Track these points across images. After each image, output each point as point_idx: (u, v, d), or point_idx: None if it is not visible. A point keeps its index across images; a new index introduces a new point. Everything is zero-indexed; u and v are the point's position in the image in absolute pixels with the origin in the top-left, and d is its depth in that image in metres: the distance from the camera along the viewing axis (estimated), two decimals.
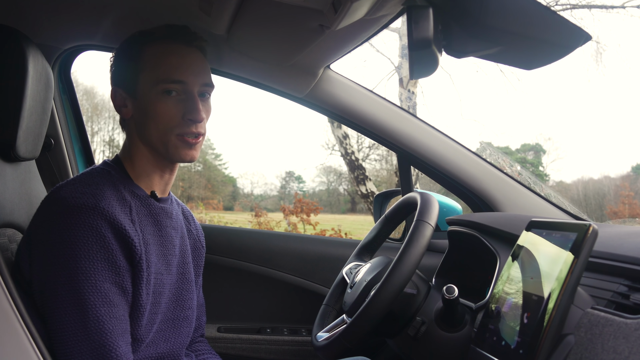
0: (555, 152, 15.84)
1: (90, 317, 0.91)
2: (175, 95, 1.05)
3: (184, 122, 1.05)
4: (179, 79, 1.05)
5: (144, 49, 1.07)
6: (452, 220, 1.41)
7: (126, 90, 1.08)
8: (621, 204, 12.93)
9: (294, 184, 16.95)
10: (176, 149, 1.06)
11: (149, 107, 1.05)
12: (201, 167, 16.54)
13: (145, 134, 1.07)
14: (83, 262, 0.91)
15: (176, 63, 1.06)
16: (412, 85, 7.34)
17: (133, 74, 1.07)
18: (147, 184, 1.10)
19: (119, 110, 1.10)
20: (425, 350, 1.05)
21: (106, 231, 0.94)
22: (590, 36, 0.80)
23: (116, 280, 0.95)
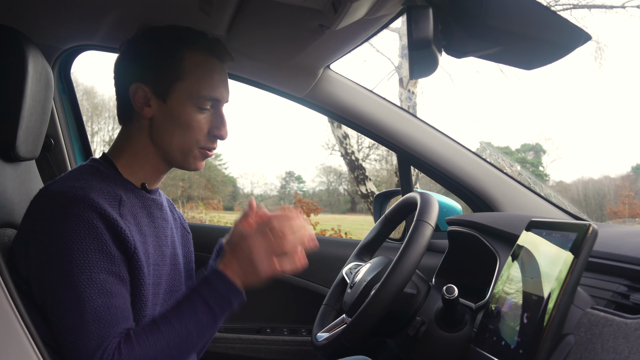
0: (555, 152, 15.86)
1: (87, 309, 0.90)
2: (207, 111, 1.06)
3: (210, 137, 1.07)
4: (217, 98, 1.07)
5: (184, 55, 1.04)
6: (452, 220, 1.41)
7: (154, 91, 1.04)
8: (621, 204, 12.94)
9: (294, 184, 16.97)
10: (194, 159, 1.08)
11: (181, 117, 1.04)
12: None
13: (165, 138, 1.06)
14: (76, 255, 0.91)
15: (217, 80, 1.07)
16: (412, 85, 7.34)
17: (169, 79, 1.04)
18: (138, 178, 1.09)
19: (139, 107, 1.05)
20: (425, 350, 1.05)
21: (97, 222, 0.93)
22: (590, 36, 0.80)
23: (112, 269, 0.95)
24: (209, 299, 0.95)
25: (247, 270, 0.97)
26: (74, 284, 0.91)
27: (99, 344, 0.90)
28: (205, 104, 1.05)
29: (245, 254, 0.97)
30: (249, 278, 0.97)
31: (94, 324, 0.91)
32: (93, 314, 0.91)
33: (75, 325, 0.91)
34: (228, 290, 0.96)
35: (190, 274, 1.23)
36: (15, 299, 0.87)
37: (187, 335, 0.94)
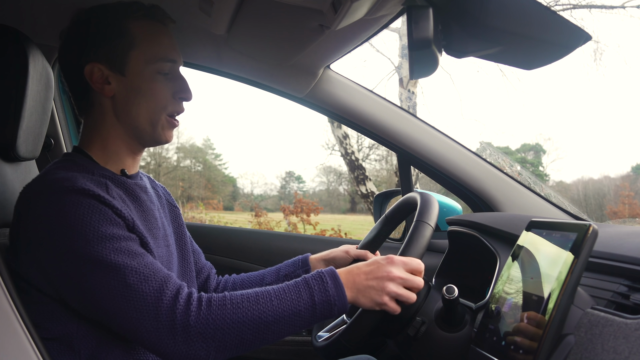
0: (555, 152, 15.86)
1: (127, 274, 0.88)
2: (167, 75, 1.06)
3: (175, 100, 1.07)
4: (172, 58, 1.06)
5: (129, 24, 1.04)
6: (452, 220, 1.41)
7: (110, 67, 1.03)
8: (621, 204, 12.94)
9: (294, 184, 16.97)
10: (163, 129, 1.07)
11: (142, 86, 1.03)
12: (201, 167, 16.56)
13: (132, 112, 1.04)
14: (90, 234, 0.89)
15: (167, 43, 1.07)
16: (412, 85, 7.34)
17: (122, 50, 1.03)
18: (116, 165, 1.07)
19: (99, 88, 1.03)
20: (425, 350, 1.04)
21: (94, 202, 0.92)
22: (590, 36, 0.80)
23: (128, 235, 0.93)
24: (316, 294, 0.93)
25: (367, 290, 0.96)
26: (102, 260, 0.88)
27: (158, 297, 0.87)
28: (163, 68, 1.05)
29: (379, 276, 0.96)
30: (360, 296, 0.96)
31: (142, 284, 0.88)
32: (135, 275, 0.88)
33: (125, 295, 0.87)
34: (336, 294, 0.94)
35: (185, 249, 1.21)
36: (15, 299, 0.87)
37: (280, 317, 0.91)
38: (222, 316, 0.88)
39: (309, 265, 1.26)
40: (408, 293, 0.98)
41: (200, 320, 0.87)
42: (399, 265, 0.98)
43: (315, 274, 0.96)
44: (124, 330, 0.90)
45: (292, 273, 1.26)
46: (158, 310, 0.87)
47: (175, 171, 15.58)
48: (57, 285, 0.92)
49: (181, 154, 16.11)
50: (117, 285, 0.87)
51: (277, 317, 0.91)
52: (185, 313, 0.87)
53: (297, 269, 1.27)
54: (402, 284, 0.97)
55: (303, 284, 0.94)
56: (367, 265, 0.99)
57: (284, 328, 0.91)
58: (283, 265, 1.29)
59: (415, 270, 1.00)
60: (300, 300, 0.92)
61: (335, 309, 0.94)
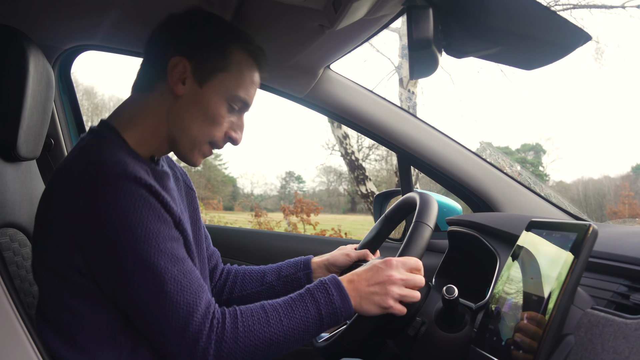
0: (555, 152, 15.86)
1: (167, 280, 0.88)
2: (232, 111, 1.05)
3: (224, 136, 1.05)
4: (247, 102, 1.06)
5: (233, 49, 1.03)
6: (452, 220, 1.41)
7: (195, 72, 1.01)
8: (621, 204, 12.93)
9: (294, 184, 16.96)
10: (199, 154, 1.05)
11: (210, 107, 1.01)
12: (201, 167, 16.55)
13: (184, 121, 1.02)
14: (138, 230, 0.88)
15: (251, 85, 1.06)
16: (412, 85, 7.34)
17: (212, 65, 1.01)
18: (146, 150, 1.04)
19: (173, 82, 1.01)
20: (425, 351, 1.05)
21: (145, 193, 0.91)
22: (590, 36, 0.80)
23: (173, 235, 0.93)
24: (322, 307, 0.95)
25: (370, 296, 0.97)
26: (145, 260, 0.88)
27: (189, 312, 0.88)
28: (236, 104, 1.04)
29: (380, 280, 0.98)
30: (364, 304, 0.97)
31: (178, 294, 0.88)
32: (174, 284, 0.88)
33: (159, 302, 0.87)
34: (342, 305, 0.95)
35: (199, 234, 1.19)
36: (15, 299, 0.87)
37: (290, 335, 0.93)
38: (235, 341, 0.90)
39: (311, 268, 1.27)
40: (412, 292, 0.99)
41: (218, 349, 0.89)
42: (398, 266, 0.99)
43: (319, 285, 0.97)
44: (146, 330, 0.90)
45: (293, 275, 1.27)
46: (186, 326, 0.88)
47: None
48: (94, 270, 0.90)
49: None
50: (154, 289, 0.88)
51: (287, 336, 0.93)
52: (208, 338, 0.89)
53: (299, 271, 1.27)
54: (404, 284, 0.98)
55: (309, 298, 0.95)
56: (367, 271, 0.99)
57: (292, 345, 0.94)
58: (285, 265, 1.29)
59: (414, 268, 1.00)
60: (309, 316, 0.94)
61: (341, 318, 0.95)
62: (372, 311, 0.97)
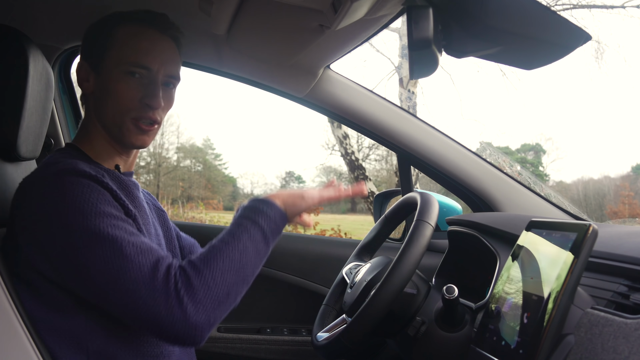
0: (555, 152, 15.88)
1: (125, 246, 0.88)
2: (137, 78, 1.05)
3: (141, 105, 1.05)
4: (145, 65, 1.05)
5: (117, 28, 1.07)
6: (452, 220, 1.41)
7: (91, 65, 1.08)
8: (621, 204, 12.94)
9: (294, 184, 16.97)
10: (129, 132, 1.06)
11: (109, 85, 1.05)
12: (201, 167, 16.57)
13: (102, 112, 1.07)
14: (88, 211, 0.89)
15: (146, 48, 1.06)
16: (412, 85, 7.35)
17: (100, 50, 1.07)
18: (108, 161, 1.09)
19: (80, 83, 1.09)
20: (425, 350, 1.05)
21: (95, 184, 0.92)
22: (590, 36, 0.80)
23: (126, 220, 0.94)
24: (260, 221, 0.98)
25: (293, 202, 1.04)
26: (98, 232, 0.88)
27: (154, 268, 0.88)
28: (135, 71, 1.05)
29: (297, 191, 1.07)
30: (289, 209, 1.04)
31: (138, 255, 0.88)
32: (132, 248, 0.88)
33: (122, 266, 0.87)
34: (275, 214, 1.00)
35: (175, 252, 1.22)
36: (15, 299, 0.87)
37: (246, 256, 0.94)
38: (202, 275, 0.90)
39: None
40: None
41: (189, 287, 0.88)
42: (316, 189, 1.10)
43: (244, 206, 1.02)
44: (122, 308, 0.88)
45: None
46: (154, 280, 0.87)
47: (175, 171, 15.58)
48: (55, 264, 0.90)
49: (181, 154, 16.13)
50: (113, 256, 0.87)
51: (245, 258, 0.94)
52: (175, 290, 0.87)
53: None
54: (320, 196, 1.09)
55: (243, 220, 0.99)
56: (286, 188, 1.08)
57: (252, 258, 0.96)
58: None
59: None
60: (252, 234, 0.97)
61: (281, 227, 1.02)
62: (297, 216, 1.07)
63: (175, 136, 15.92)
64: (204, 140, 17.19)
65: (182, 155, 16.17)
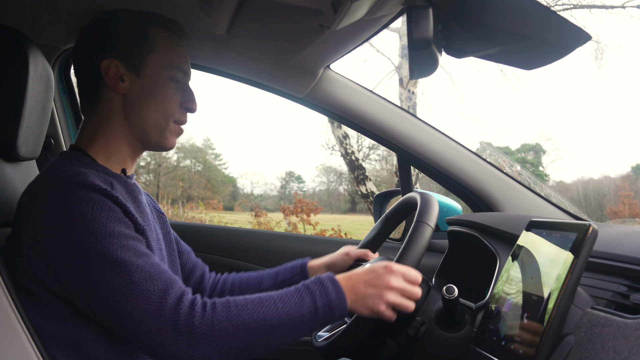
0: (555, 152, 15.89)
1: (134, 271, 0.87)
2: (178, 84, 1.09)
3: (182, 110, 1.10)
4: (184, 69, 1.10)
5: (152, 30, 1.07)
6: (452, 220, 1.41)
7: (127, 65, 1.05)
8: (621, 204, 12.94)
9: (294, 184, 16.98)
10: (171, 135, 1.10)
11: (156, 88, 1.06)
12: (201, 167, 16.57)
13: (141, 114, 1.06)
14: (98, 229, 0.88)
15: (182, 53, 1.11)
16: (412, 85, 7.35)
17: (141, 52, 1.05)
18: (117, 164, 1.08)
19: (113, 84, 1.04)
20: (425, 350, 1.04)
21: (104, 199, 0.92)
22: (590, 36, 0.80)
23: (136, 236, 0.93)
24: (317, 298, 0.93)
25: (365, 297, 0.96)
26: (108, 255, 0.87)
27: (162, 297, 0.86)
28: (177, 75, 1.08)
29: (378, 284, 0.96)
30: (358, 305, 0.96)
31: (146, 282, 0.87)
32: (141, 273, 0.87)
33: (128, 293, 0.86)
34: (337, 298, 0.94)
35: (173, 255, 1.21)
36: (15, 299, 0.87)
37: (284, 320, 0.90)
38: (227, 318, 0.88)
39: (307, 272, 1.26)
40: (406, 302, 0.98)
41: (205, 322, 0.86)
42: (398, 275, 0.98)
43: (315, 279, 0.96)
44: (124, 331, 0.88)
45: (289, 279, 1.26)
46: (162, 310, 0.86)
47: (175, 171, 15.58)
48: (61, 280, 0.90)
49: (181, 154, 16.12)
50: (122, 282, 0.86)
51: (282, 320, 0.90)
52: (189, 314, 0.86)
53: (295, 274, 1.26)
54: (400, 293, 0.97)
55: (304, 289, 0.94)
56: (366, 274, 0.98)
57: (287, 333, 0.91)
58: (281, 270, 1.29)
59: (413, 280, 1.00)
60: (303, 304, 0.92)
61: (336, 313, 0.94)
62: (363, 313, 0.96)
63: None
64: (204, 140, 17.20)
65: (182, 155, 16.18)
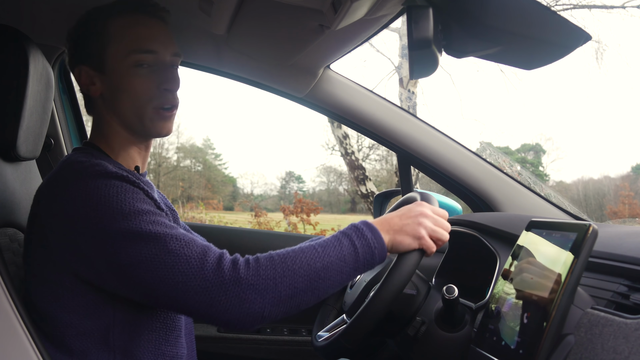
0: (555, 152, 15.87)
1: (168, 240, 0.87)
2: (147, 67, 1.03)
3: (160, 92, 1.04)
4: (149, 49, 1.03)
5: (107, 22, 1.04)
6: (452, 220, 1.40)
7: (92, 67, 1.04)
8: (621, 204, 12.94)
9: (294, 184, 16.97)
10: (152, 122, 1.05)
11: (121, 81, 1.03)
12: (201, 167, 16.56)
13: (118, 109, 1.04)
14: (127, 210, 0.88)
15: (144, 34, 1.04)
16: (412, 85, 7.34)
17: (99, 49, 1.03)
18: (127, 161, 1.08)
19: (86, 89, 1.05)
20: (425, 350, 1.05)
21: (128, 185, 0.92)
22: (590, 36, 0.80)
23: (161, 213, 0.93)
24: (356, 240, 0.93)
25: (403, 227, 0.96)
26: (140, 232, 0.87)
27: (202, 260, 0.86)
28: (142, 59, 1.03)
29: (412, 214, 0.97)
30: (398, 236, 0.96)
31: (184, 248, 0.87)
32: (176, 242, 0.87)
33: (168, 262, 0.85)
34: (374, 239, 0.94)
35: None
36: (15, 299, 0.87)
37: (328, 263, 0.90)
38: (273, 267, 0.88)
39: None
40: (442, 230, 0.99)
41: (250, 274, 0.86)
42: (427, 207, 1.00)
43: (350, 226, 0.97)
44: (171, 300, 0.87)
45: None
46: (204, 270, 0.85)
47: (175, 171, 15.58)
48: (97, 266, 0.90)
49: (181, 154, 16.11)
50: (159, 253, 0.86)
51: (325, 263, 0.90)
52: (233, 269, 0.86)
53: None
54: (433, 222, 0.98)
55: (341, 235, 0.95)
56: (398, 210, 1.00)
57: (332, 275, 0.90)
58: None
59: (442, 214, 1.01)
60: (343, 247, 0.92)
61: (376, 252, 0.94)
62: (405, 242, 0.96)
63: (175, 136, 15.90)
64: (204, 140, 17.19)
65: (182, 155, 16.18)
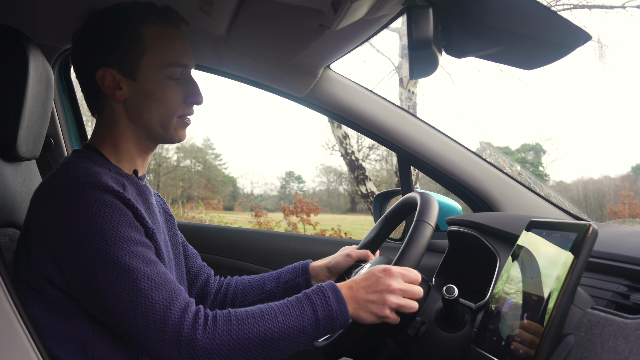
0: (555, 152, 15.87)
1: (140, 279, 0.88)
2: (177, 79, 1.07)
3: (186, 104, 1.08)
4: (183, 63, 1.07)
5: (143, 28, 1.04)
6: (452, 220, 1.41)
7: (122, 72, 1.04)
8: (621, 204, 12.94)
9: (294, 184, 16.97)
10: (175, 130, 1.08)
11: (154, 91, 1.04)
12: (201, 167, 16.56)
13: (142, 116, 1.05)
14: (108, 233, 0.89)
15: (179, 47, 1.08)
16: (412, 85, 7.34)
17: (134, 56, 1.03)
18: (129, 164, 1.09)
19: (110, 92, 1.04)
20: (425, 350, 1.04)
21: (116, 202, 0.93)
22: (590, 36, 0.80)
23: (145, 242, 0.94)
24: (319, 309, 0.93)
25: (367, 304, 0.96)
26: (116, 261, 0.88)
27: (167, 307, 0.88)
28: (174, 73, 1.06)
29: (379, 289, 0.96)
30: (361, 311, 0.96)
31: (152, 291, 0.88)
32: (147, 282, 0.89)
33: (134, 300, 0.87)
34: (339, 308, 0.94)
35: (179, 258, 1.21)
36: (15, 298, 0.87)
37: (285, 333, 0.91)
38: (228, 332, 0.89)
39: (309, 273, 1.27)
40: (409, 302, 0.98)
41: (206, 336, 0.88)
42: (397, 276, 0.98)
43: (317, 289, 0.97)
44: (127, 335, 0.90)
45: (292, 280, 1.27)
46: (165, 320, 0.87)
47: (175, 171, 15.57)
48: (69, 279, 0.92)
49: (181, 154, 16.11)
50: (128, 289, 0.88)
51: (282, 333, 0.91)
52: (192, 327, 0.88)
53: (298, 276, 1.27)
54: (402, 295, 0.98)
55: (305, 300, 0.95)
56: (366, 280, 0.99)
57: (288, 345, 0.92)
58: (284, 272, 1.29)
59: (413, 280, 1.00)
60: (304, 315, 0.93)
61: (337, 323, 0.94)
62: (368, 319, 0.97)
63: None
64: (204, 140, 17.19)
65: (182, 155, 16.17)
